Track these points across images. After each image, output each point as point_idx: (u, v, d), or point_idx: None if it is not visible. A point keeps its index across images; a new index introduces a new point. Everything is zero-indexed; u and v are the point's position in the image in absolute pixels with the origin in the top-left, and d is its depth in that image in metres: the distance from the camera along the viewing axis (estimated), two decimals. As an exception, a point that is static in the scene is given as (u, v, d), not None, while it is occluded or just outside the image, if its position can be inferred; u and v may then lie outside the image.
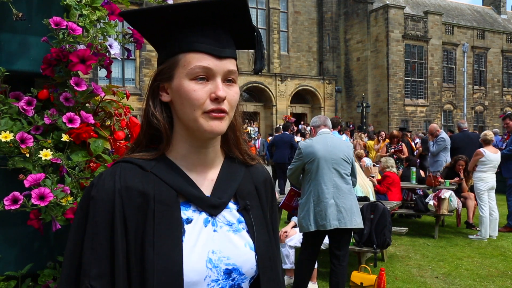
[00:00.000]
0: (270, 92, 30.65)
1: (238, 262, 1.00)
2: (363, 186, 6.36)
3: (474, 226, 7.72)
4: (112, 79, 23.11)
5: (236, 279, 1.00)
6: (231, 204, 1.05)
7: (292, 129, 20.34)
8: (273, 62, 31.67)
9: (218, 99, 0.95)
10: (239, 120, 1.07)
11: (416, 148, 12.72)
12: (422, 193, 7.99)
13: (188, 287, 0.93)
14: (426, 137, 12.38)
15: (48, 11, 1.50)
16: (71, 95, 1.48)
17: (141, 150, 1.03)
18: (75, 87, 1.45)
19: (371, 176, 7.45)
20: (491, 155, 7.13)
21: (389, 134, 12.89)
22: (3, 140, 1.31)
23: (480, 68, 35.86)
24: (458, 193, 7.94)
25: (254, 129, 25.20)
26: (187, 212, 0.99)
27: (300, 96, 32.66)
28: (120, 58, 3.40)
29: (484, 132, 7.61)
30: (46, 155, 1.34)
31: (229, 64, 0.98)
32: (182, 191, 0.98)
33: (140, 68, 26.59)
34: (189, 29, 0.98)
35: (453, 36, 34.27)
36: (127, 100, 1.75)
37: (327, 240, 4.37)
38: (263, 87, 30.34)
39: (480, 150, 7.21)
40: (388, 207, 5.58)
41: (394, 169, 7.91)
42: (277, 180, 10.54)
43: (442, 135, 9.49)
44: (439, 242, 6.94)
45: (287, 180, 7.99)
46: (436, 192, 7.28)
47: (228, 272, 0.98)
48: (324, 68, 33.77)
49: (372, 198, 6.39)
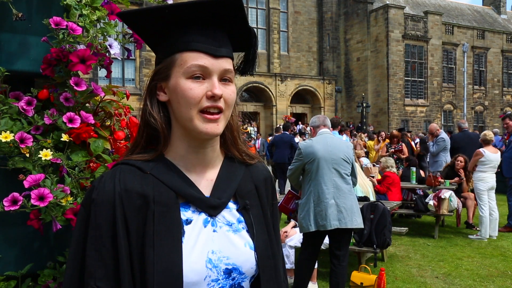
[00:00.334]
0: (270, 92, 30.64)
1: (238, 261, 1.00)
2: (363, 186, 6.36)
3: (474, 226, 7.72)
4: (112, 79, 23.09)
5: (236, 279, 1.00)
6: (231, 203, 1.05)
7: (293, 129, 20.34)
8: (273, 62, 31.66)
9: (214, 97, 0.96)
10: (236, 120, 1.07)
11: (416, 148, 12.71)
12: (422, 193, 7.99)
13: (188, 287, 0.93)
14: (425, 137, 12.39)
15: (48, 11, 1.50)
16: (71, 95, 1.48)
17: (140, 151, 1.03)
18: (75, 87, 1.45)
19: (371, 176, 7.45)
20: (491, 155, 7.13)
21: (389, 134, 12.89)
22: (3, 140, 1.31)
23: (480, 68, 35.85)
24: (458, 193, 7.94)
25: (254, 129, 25.19)
26: (186, 213, 0.99)
27: (300, 96, 32.65)
28: (120, 58, 3.40)
29: (484, 132, 7.60)
30: (46, 155, 1.34)
31: (225, 63, 0.98)
32: (181, 192, 0.99)
33: (140, 68, 26.57)
34: (185, 29, 0.99)
35: (453, 36, 34.26)
36: (127, 100, 1.75)
37: (327, 240, 4.37)
38: (263, 87, 30.33)
39: (480, 150, 7.21)
40: (388, 207, 5.58)
41: (394, 169, 7.90)
42: (277, 180, 10.54)
43: (442, 135, 9.49)
44: (439, 242, 6.93)
45: (287, 180, 7.99)
46: (436, 192, 7.28)
47: (228, 272, 0.98)
48: (324, 68, 33.76)
49: (372, 198, 6.38)
